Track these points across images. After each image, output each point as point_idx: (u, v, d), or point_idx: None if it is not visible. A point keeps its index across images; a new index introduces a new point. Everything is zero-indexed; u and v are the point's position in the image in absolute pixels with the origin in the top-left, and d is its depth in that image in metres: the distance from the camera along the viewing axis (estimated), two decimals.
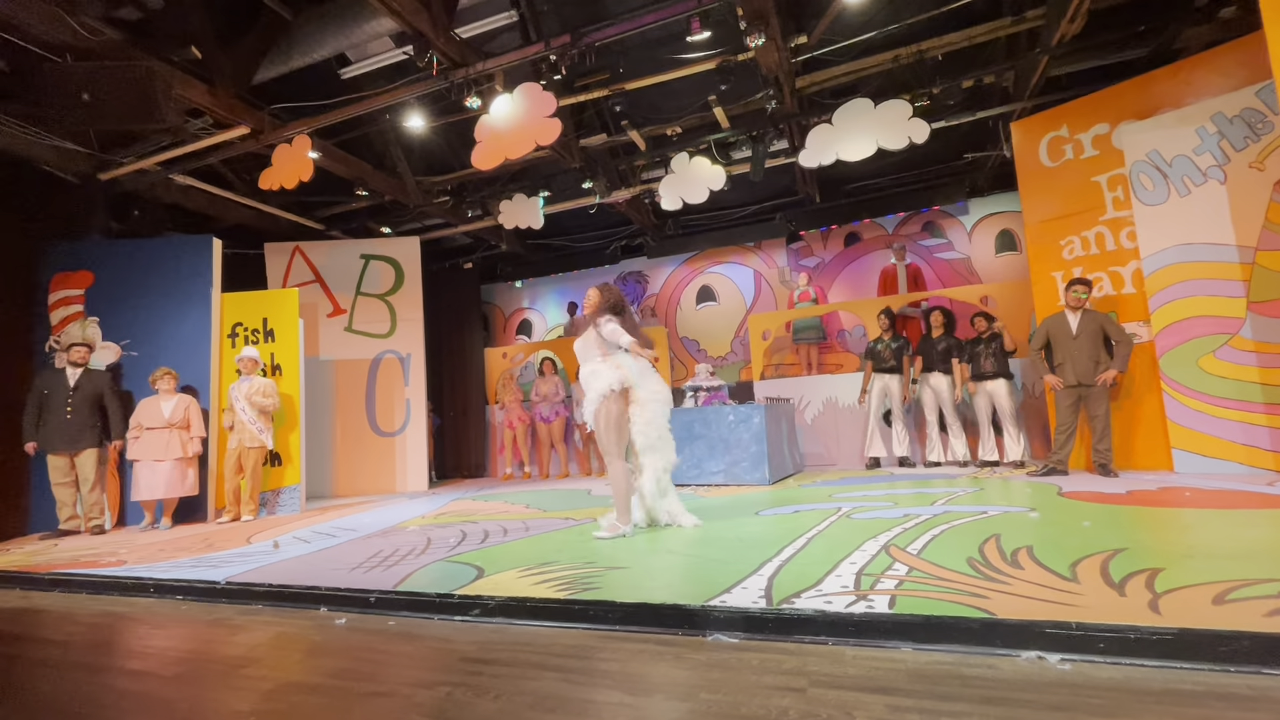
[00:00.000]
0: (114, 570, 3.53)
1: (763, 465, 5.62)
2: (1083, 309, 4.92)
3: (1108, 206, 5.33)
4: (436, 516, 4.96)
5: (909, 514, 3.58)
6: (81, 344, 5.45)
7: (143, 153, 6.09)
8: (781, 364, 8.61)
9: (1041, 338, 5.07)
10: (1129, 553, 2.43)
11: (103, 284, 6.01)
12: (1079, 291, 4.88)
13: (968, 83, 5.72)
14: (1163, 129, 4.91)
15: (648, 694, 1.66)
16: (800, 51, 5.45)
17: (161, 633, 2.61)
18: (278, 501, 5.95)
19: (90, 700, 1.91)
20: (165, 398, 5.41)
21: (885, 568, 2.44)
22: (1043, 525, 3.11)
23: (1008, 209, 7.89)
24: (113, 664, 2.26)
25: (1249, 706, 1.40)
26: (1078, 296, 4.89)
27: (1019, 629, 1.77)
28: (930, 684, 1.61)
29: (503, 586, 2.54)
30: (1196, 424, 4.69)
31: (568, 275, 10.38)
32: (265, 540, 4.29)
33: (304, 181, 5.77)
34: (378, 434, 7.75)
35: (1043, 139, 5.71)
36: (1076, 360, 4.85)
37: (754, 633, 2.02)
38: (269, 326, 6.20)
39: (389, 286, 8.03)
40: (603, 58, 5.15)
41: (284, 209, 7.58)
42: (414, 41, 4.97)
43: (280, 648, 2.29)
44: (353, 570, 3.08)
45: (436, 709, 1.65)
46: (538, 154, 6.22)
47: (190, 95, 5.15)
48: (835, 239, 8.93)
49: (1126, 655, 1.65)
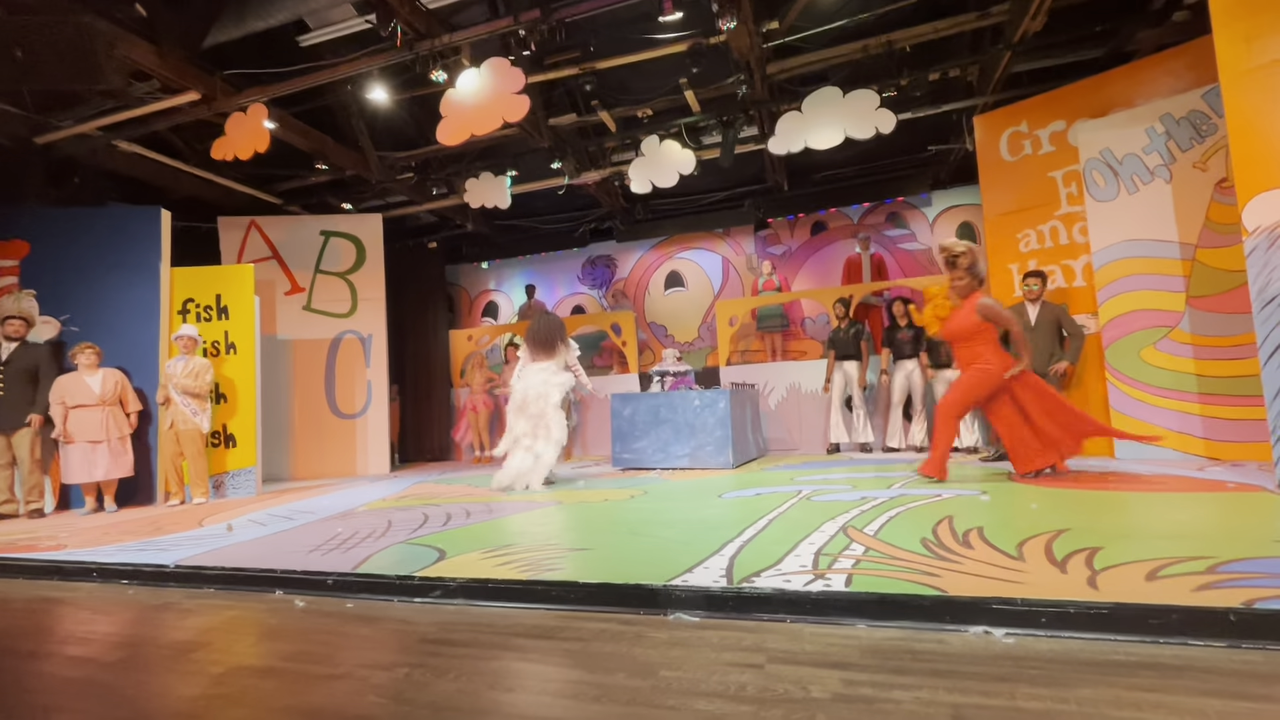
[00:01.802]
0: (53, 554, 3.38)
1: (727, 449, 5.69)
2: (1041, 301, 5.10)
3: (1062, 202, 5.51)
4: (398, 499, 4.88)
5: (867, 497, 3.68)
6: (16, 316, 5.15)
7: (83, 116, 5.74)
8: (747, 350, 8.71)
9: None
10: (1071, 533, 2.55)
11: (40, 255, 5.67)
12: (1032, 284, 5.07)
13: (934, 75, 5.82)
14: (1115, 128, 5.08)
15: (609, 672, 1.67)
16: (771, 37, 5.45)
17: (104, 618, 2.52)
18: (231, 484, 5.77)
19: (24, 687, 1.82)
20: (88, 372, 5.13)
21: (843, 548, 2.50)
22: (993, 507, 3.23)
23: (969, 202, 8.09)
24: (50, 650, 2.16)
25: (1176, 675, 1.48)
26: (1030, 288, 5.07)
27: (968, 605, 1.84)
28: (883, 658, 1.67)
29: (465, 568, 2.52)
30: (1137, 412, 4.93)
31: (535, 257, 10.26)
32: (218, 523, 4.16)
33: (260, 153, 5.53)
34: (338, 416, 7.57)
35: (1003, 134, 5.85)
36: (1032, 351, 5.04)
37: (714, 611, 2.05)
38: (223, 303, 5.97)
39: (350, 265, 7.81)
40: (573, 35, 5.06)
41: (239, 181, 7.26)
42: (377, 9, 4.79)
43: (232, 631, 2.23)
44: (310, 553, 3.01)
45: (394, 690, 1.63)
46: (505, 131, 6.10)
47: (135, 56, 4.86)
48: (802, 227, 9.03)
49: (1065, 629, 1.74)
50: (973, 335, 4.05)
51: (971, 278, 4.14)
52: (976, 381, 4.05)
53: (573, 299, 10.15)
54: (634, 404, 6.17)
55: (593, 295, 10.06)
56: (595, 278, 10.07)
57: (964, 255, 4.11)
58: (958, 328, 4.14)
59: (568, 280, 10.20)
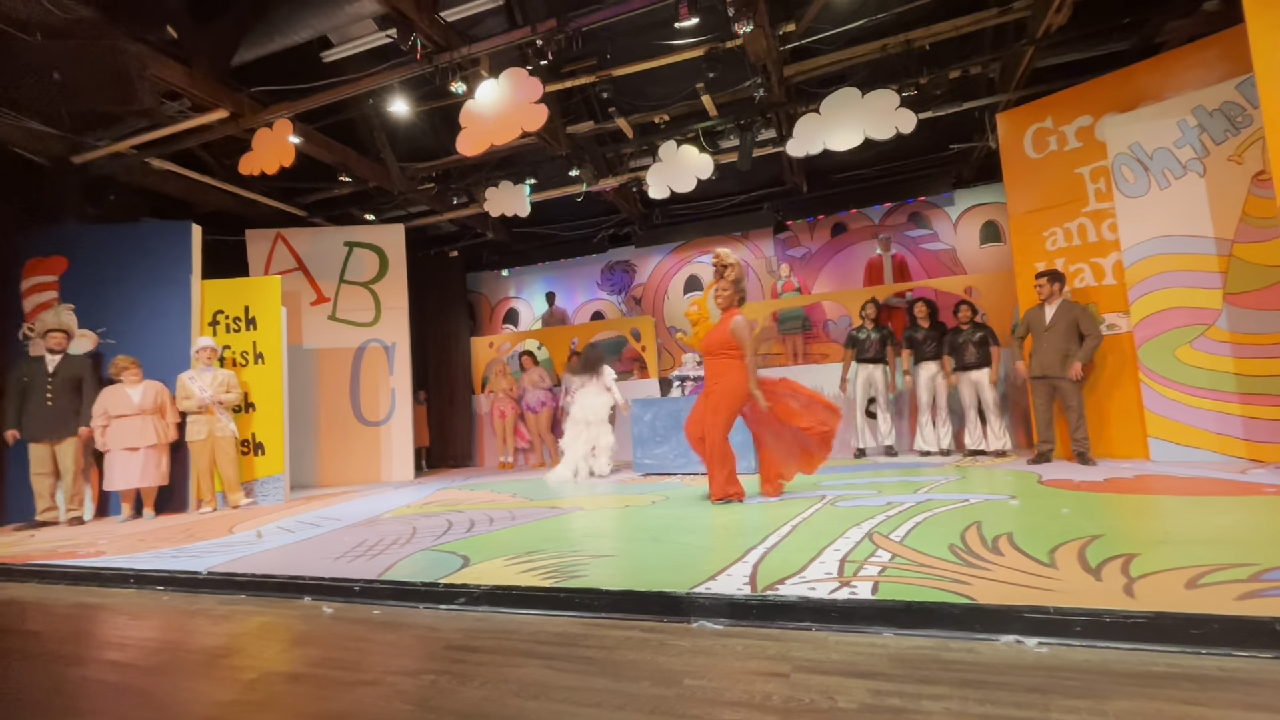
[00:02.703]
0: (93, 561, 3.48)
1: (748, 454, 5.63)
2: (1060, 300, 5.03)
3: (1090, 198, 5.39)
4: (422, 506, 4.93)
5: (892, 502, 3.63)
6: (59, 329, 5.34)
7: (118, 135, 5.94)
8: (768, 354, 8.65)
9: (1023, 328, 5.24)
10: (1105, 539, 2.48)
11: (78, 270, 5.87)
12: (1042, 284, 5.09)
13: (954, 73, 5.74)
14: (1144, 122, 4.96)
15: (633, 680, 1.67)
16: (788, 39, 5.43)
17: (141, 623, 2.58)
18: (261, 491, 5.89)
19: (66, 692, 1.88)
20: (130, 385, 5.29)
21: (868, 554, 2.46)
22: (1023, 513, 3.16)
23: (993, 200, 7.96)
24: (90, 655, 2.23)
25: (1219, 687, 1.43)
26: (1040, 289, 5.09)
27: (998, 614, 1.80)
28: (911, 668, 1.64)
29: (488, 575, 2.54)
30: (1173, 413, 4.78)
31: (554, 264, 10.32)
32: (248, 530, 4.24)
33: (285, 167, 5.66)
34: (362, 423, 7.69)
35: (1027, 130, 5.74)
36: (1044, 352, 5.01)
37: (738, 619, 2.04)
38: (251, 314, 6.10)
39: (373, 274, 7.93)
40: (590, 43, 5.10)
41: (265, 195, 7.44)
42: (397, 24, 4.88)
43: (263, 637, 2.28)
44: (337, 560, 3.05)
45: (420, 697, 1.65)
46: (524, 140, 6.16)
47: (167, 76, 5.02)
48: (822, 229, 8.96)
49: (1101, 638, 1.69)
50: (723, 350, 4.00)
51: (735, 291, 4.09)
52: (722, 400, 3.97)
53: (592, 305, 10.19)
54: (654, 409, 6.17)
55: (612, 301, 10.09)
56: (614, 283, 10.10)
57: (732, 268, 4.08)
58: (711, 341, 4.08)
59: (587, 286, 10.24)
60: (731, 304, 4.10)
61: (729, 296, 4.09)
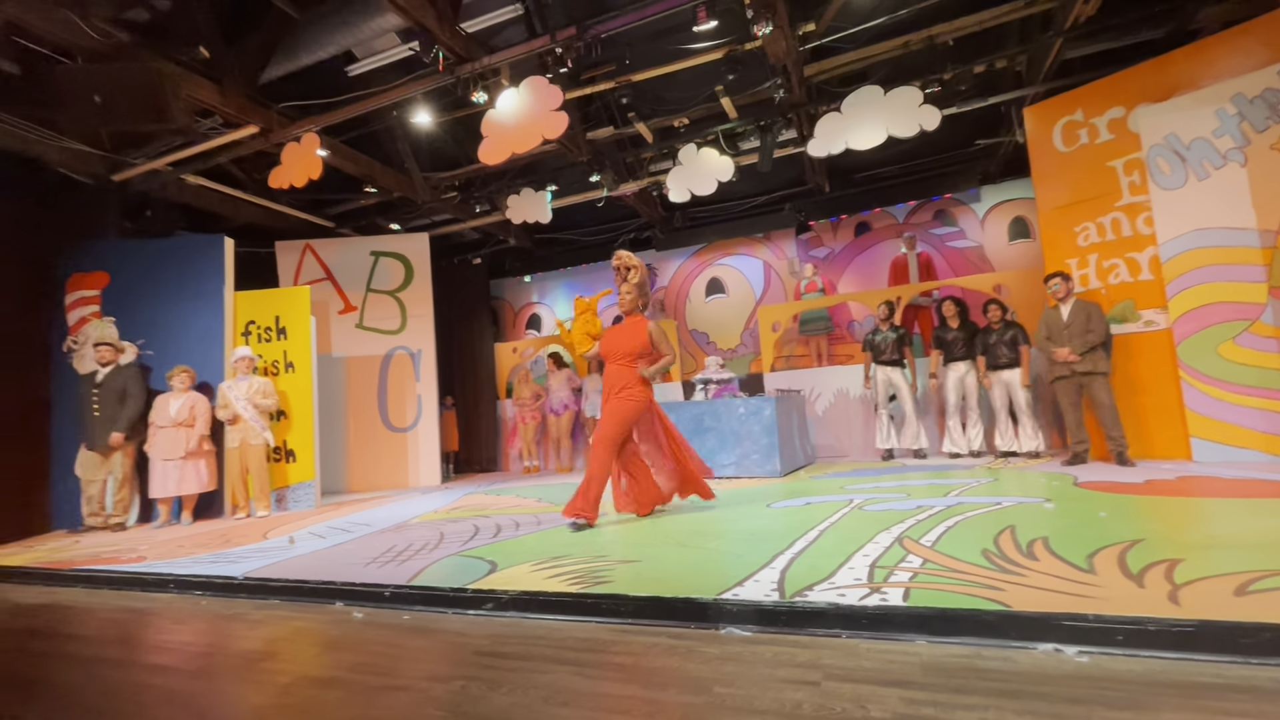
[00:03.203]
0: (135, 566, 3.59)
1: (774, 457, 5.60)
2: (1073, 299, 5.00)
3: (1124, 191, 5.24)
4: (449, 511, 4.99)
5: (922, 505, 3.56)
6: (107, 343, 5.54)
7: (154, 153, 6.14)
8: (791, 355, 8.57)
9: (1043, 330, 5.18)
10: (1147, 543, 2.40)
11: (118, 284, 6.07)
12: (1055, 285, 5.05)
13: (979, 68, 5.63)
14: (1180, 111, 4.81)
15: (661, 688, 1.66)
16: (808, 39, 5.39)
17: (182, 627, 2.65)
18: (292, 497, 6.01)
19: (114, 694, 1.94)
20: (175, 395, 5.46)
21: (899, 560, 2.42)
22: (1058, 516, 3.08)
23: (1021, 195, 7.78)
24: (135, 658, 2.29)
25: (1272, 700, 1.38)
26: (1055, 290, 5.05)
27: (1035, 621, 1.76)
28: (945, 677, 1.60)
29: (515, 581, 2.56)
30: (1216, 412, 4.62)
31: (576, 269, 10.37)
32: (281, 536, 4.34)
33: (313, 180, 5.79)
34: (390, 429, 7.80)
35: (1057, 124, 5.61)
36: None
37: (767, 626, 2.02)
38: (281, 324, 6.25)
39: (399, 283, 8.06)
40: (609, 49, 5.12)
41: (294, 207, 7.61)
42: (420, 37, 4.96)
43: (297, 642, 2.32)
44: (367, 565, 3.10)
45: (451, 703, 1.66)
46: (545, 148, 6.21)
47: (199, 95, 5.17)
48: (845, 229, 8.85)
49: (1145, 647, 1.63)
50: (636, 357, 3.81)
51: (639, 295, 3.91)
52: (630, 410, 3.76)
53: (613, 309, 10.21)
54: (677, 413, 6.15)
55: None
56: None
57: (636, 270, 3.93)
58: (619, 346, 3.85)
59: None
60: (635, 308, 3.92)
61: (633, 300, 3.90)
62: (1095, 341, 4.83)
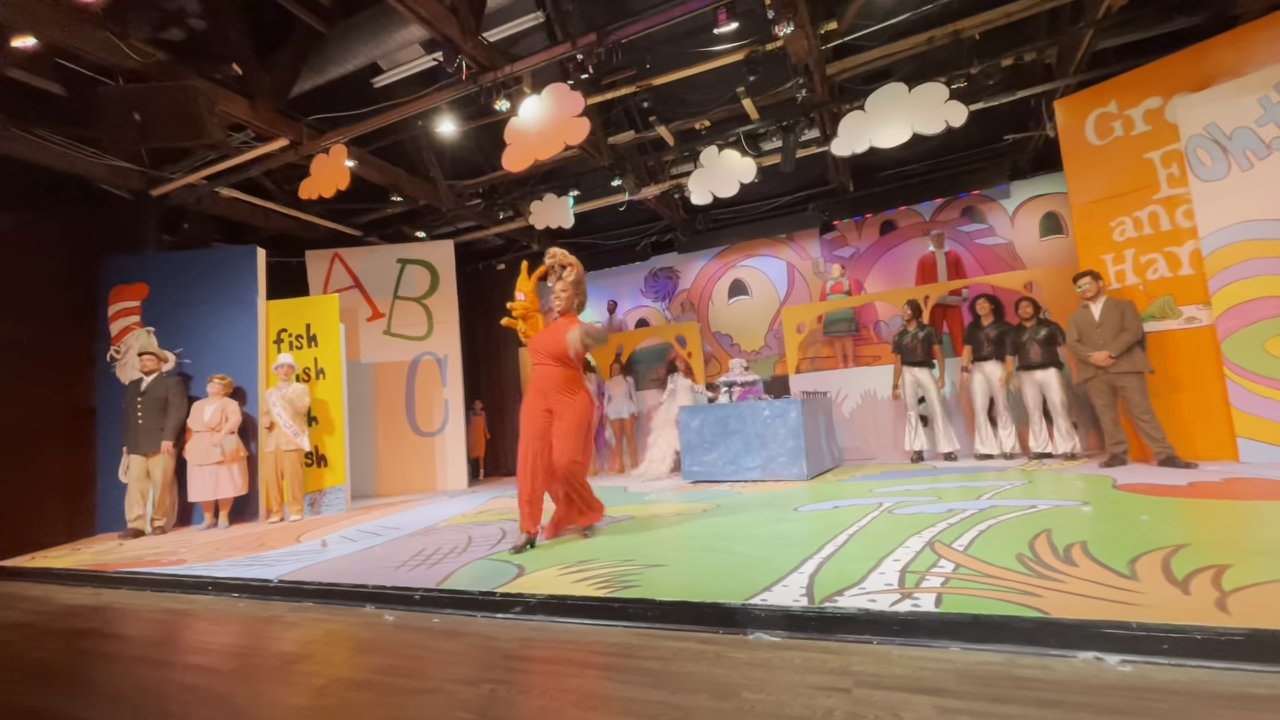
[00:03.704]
0: (175, 569, 3.70)
1: (800, 460, 5.54)
2: (1104, 298, 4.89)
3: (1162, 184, 5.07)
4: (476, 515, 5.04)
5: (953, 509, 3.49)
6: (151, 353, 5.74)
7: (190, 168, 6.34)
8: (817, 357, 8.48)
9: (1074, 332, 5.06)
10: (1192, 548, 2.32)
11: (157, 295, 6.28)
12: (1084, 284, 4.95)
13: (1007, 61, 5.52)
14: (1221, 100, 4.64)
15: (690, 693, 1.65)
16: (830, 38, 5.34)
17: (219, 629, 2.72)
18: (324, 501, 6.14)
19: (155, 693, 2.00)
20: (210, 402, 5.63)
21: (930, 565, 2.38)
22: (1097, 520, 2.98)
23: (1053, 191, 7.59)
24: (175, 659, 2.36)
25: None
26: (1084, 289, 4.95)
27: (1075, 629, 1.71)
28: (981, 685, 1.57)
29: (543, 584, 2.57)
30: (1265, 411, 4.44)
31: (599, 273, 10.41)
32: (314, 539, 4.43)
33: (341, 190, 5.92)
34: (418, 434, 7.92)
35: (1089, 116, 5.46)
36: (1099, 349, 4.83)
37: (796, 631, 2.00)
38: (312, 332, 6.39)
39: (425, 290, 8.19)
40: (629, 54, 5.13)
41: (323, 217, 7.79)
42: (443, 47, 5.03)
43: (330, 644, 2.36)
44: (397, 568, 3.15)
45: (481, 706, 1.68)
46: (567, 154, 6.25)
47: (232, 110, 5.33)
48: (870, 228, 8.74)
49: (1192, 657, 1.58)
50: (557, 359, 3.64)
51: (575, 293, 3.75)
52: (582, 420, 3.58)
53: (636, 312, 10.23)
54: (702, 416, 6.13)
55: (656, 308, 10.10)
56: (658, 290, 10.11)
57: (571, 268, 3.74)
58: (546, 346, 3.67)
59: (631, 294, 10.29)
60: (570, 306, 3.77)
61: (568, 298, 3.75)
62: (1131, 342, 4.70)
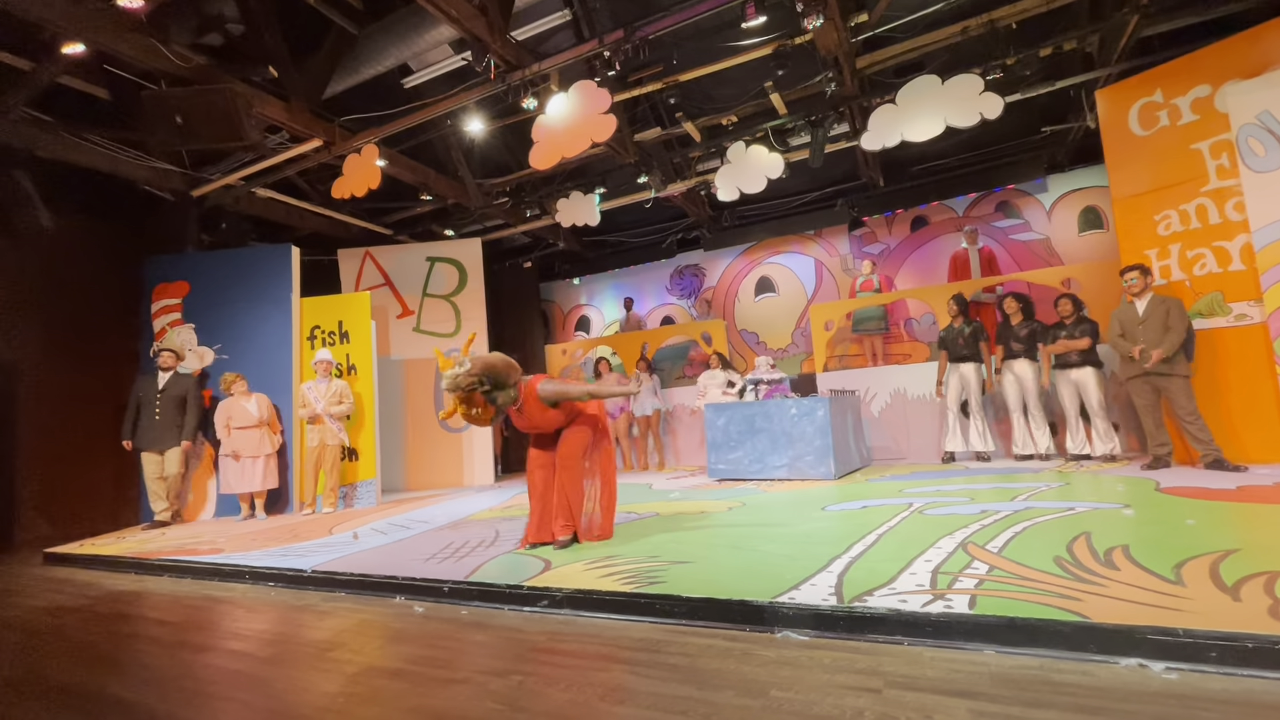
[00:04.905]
0: (214, 558, 3.82)
1: (828, 459, 5.47)
2: (1150, 295, 4.73)
3: (1210, 176, 4.88)
4: (503, 509, 5.09)
5: (987, 510, 3.41)
6: (169, 350, 5.91)
7: (229, 169, 6.52)
8: (845, 355, 8.36)
9: (1116, 327, 4.90)
10: (1242, 554, 2.23)
11: (197, 292, 6.48)
12: (1130, 279, 4.80)
13: (1046, 51, 5.36)
14: (1275, 87, 4.44)
15: (717, 690, 1.64)
16: (861, 30, 5.25)
17: (256, 616, 2.80)
18: (355, 495, 6.26)
19: (196, 676, 2.06)
20: (243, 398, 5.78)
21: (963, 566, 2.33)
22: (1139, 523, 2.89)
23: (1092, 184, 7.37)
24: (216, 644, 2.43)
25: None
26: (1130, 284, 4.79)
27: (1117, 634, 1.65)
28: (1017, 689, 1.53)
29: (569, 579, 2.58)
30: None
31: (624, 271, 10.43)
32: (345, 531, 4.52)
33: (372, 189, 6.02)
34: (446, 430, 8.03)
35: (1133, 106, 5.27)
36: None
37: (825, 631, 1.97)
38: (344, 329, 6.53)
39: (453, 287, 8.29)
40: (656, 50, 5.12)
41: (355, 216, 7.95)
42: (472, 47, 5.09)
43: (363, 633, 2.41)
44: (427, 561, 3.20)
45: (510, 697, 1.69)
46: (593, 151, 6.26)
47: (269, 112, 5.46)
48: (901, 223, 8.58)
49: (1243, 666, 1.51)
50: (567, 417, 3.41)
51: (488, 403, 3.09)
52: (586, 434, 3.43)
53: (661, 310, 10.22)
54: (728, 413, 6.09)
55: (682, 305, 10.07)
56: (684, 287, 10.09)
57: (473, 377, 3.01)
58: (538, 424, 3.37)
59: (656, 291, 10.28)
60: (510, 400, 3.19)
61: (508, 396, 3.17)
62: (1178, 342, 4.52)
